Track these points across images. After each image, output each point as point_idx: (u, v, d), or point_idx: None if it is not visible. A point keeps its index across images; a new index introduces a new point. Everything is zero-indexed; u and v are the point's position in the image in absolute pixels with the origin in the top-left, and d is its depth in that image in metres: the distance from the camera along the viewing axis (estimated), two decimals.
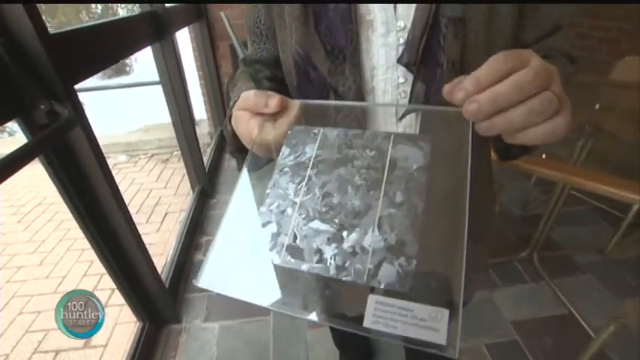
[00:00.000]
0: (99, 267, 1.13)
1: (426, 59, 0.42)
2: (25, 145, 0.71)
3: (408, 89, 0.45)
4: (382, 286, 0.25)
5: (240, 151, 0.44)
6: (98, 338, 1.43)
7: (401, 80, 0.46)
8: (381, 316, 0.23)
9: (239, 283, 0.29)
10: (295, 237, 0.29)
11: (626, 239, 1.61)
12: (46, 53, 0.80)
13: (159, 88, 1.86)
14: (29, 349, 1.43)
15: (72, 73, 0.91)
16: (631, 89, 1.45)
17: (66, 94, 0.86)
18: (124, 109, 4.27)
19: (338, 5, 0.44)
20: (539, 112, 0.27)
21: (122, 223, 1.08)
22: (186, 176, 2.57)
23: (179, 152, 2.95)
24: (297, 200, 0.30)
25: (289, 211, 0.30)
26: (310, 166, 0.32)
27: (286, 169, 0.33)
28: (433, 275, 0.27)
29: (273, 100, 0.35)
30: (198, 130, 2.19)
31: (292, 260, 0.28)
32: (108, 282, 1.46)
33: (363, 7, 0.44)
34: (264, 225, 0.30)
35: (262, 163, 0.38)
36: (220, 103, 2.73)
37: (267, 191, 0.32)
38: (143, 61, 5.51)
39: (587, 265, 1.57)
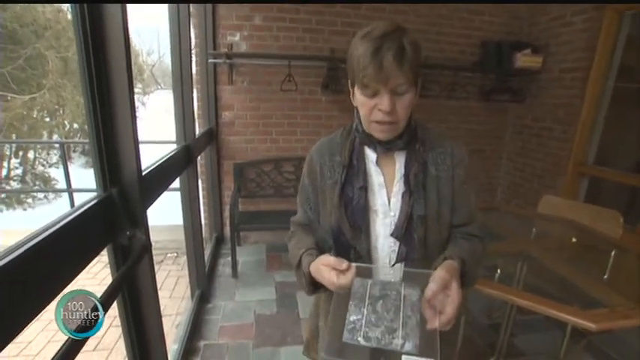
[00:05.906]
0: None
1: (405, 235, 0.75)
2: (119, 275, 0.97)
3: (396, 249, 0.77)
4: (406, 351, 0.55)
5: (315, 288, 0.75)
6: None
7: (392, 244, 0.78)
8: None
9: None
10: (366, 332, 0.58)
11: (577, 346, 1.88)
12: (139, 191, 1.10)
13: (172, 193, 2.12)
14: None
15: (147, 201, 1.21)
16: (554, 222, 1.92)
17: (142, 220, 1.14)
18: None
19: (359, 201, 0.77)
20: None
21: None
22: (181, 279, 2.70)
23: (173, 255, 3.11)
24: (364, 316, 0.61)
25: (362, 321, 0.60)
26: (367, 298, 0.63)
27: (356, 300, 0.63)
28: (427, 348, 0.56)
29: (345, 264, 0.65)
30: None
31: (365, 342, 0.57)
32: None
33: (372, 202, 0.78)
34: (350, 330, 0.60)
35: (323, 290, 0.71)
36: (219, 213, 3.06)
37: (349, 309, 0.62)
38: None
39: None
